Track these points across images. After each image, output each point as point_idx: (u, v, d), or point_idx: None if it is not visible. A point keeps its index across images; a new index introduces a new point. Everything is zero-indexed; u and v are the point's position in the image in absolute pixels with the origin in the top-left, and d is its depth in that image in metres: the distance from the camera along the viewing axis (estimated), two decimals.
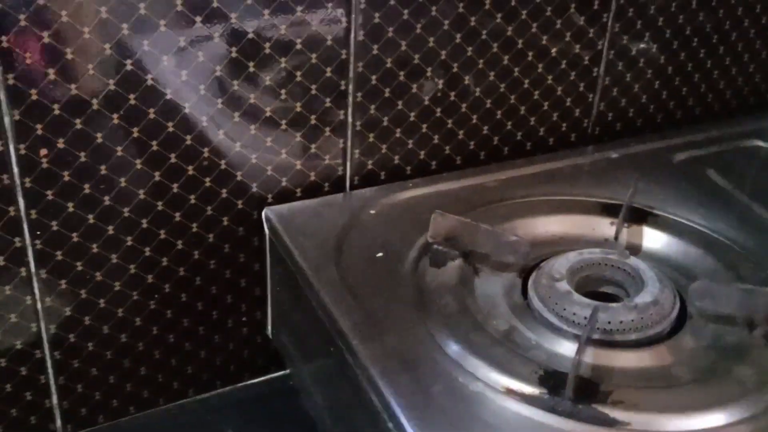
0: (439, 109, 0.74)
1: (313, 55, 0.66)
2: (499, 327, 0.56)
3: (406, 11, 0.67)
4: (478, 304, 0.58)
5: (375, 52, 0.68)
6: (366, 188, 0.73)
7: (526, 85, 0.77)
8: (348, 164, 0.72)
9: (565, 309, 0.56)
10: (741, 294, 0.55)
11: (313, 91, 0.67)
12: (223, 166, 0.66)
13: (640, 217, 0.68)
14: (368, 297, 0.58)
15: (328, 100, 0.68)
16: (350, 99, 0.69)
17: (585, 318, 0.55)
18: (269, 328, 0.74)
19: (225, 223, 0.68)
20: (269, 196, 0.69)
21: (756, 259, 0.62)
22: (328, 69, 0.67)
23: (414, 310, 0.57)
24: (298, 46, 0.65)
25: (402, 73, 0.70)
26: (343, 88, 0.68)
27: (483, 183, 0.74)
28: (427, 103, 0.73)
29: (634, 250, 0.65)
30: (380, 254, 0.63)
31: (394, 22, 0.67)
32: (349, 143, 0.71)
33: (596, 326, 0.54)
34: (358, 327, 0.55)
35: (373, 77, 0.69)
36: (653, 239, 0.66)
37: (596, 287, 0.61)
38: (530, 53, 0.75)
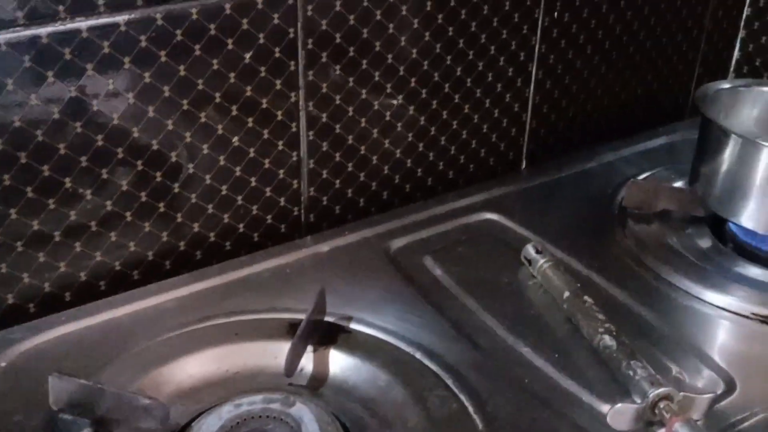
0: (95, 222, 0.61)
1: None
2: None
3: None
4: None
5: None
6: (8, 328, 0.59)
7: (208, 181, 0.66)
8: None
9: None
10: None
11: None
12: None
13: (330, 334, 0.58)
14: None
15: None
16: None
17: None
18: None
19: None
20: None
21: (451, 382, 0.54)
22: None
23: None
24: None
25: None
26: None
27: (160, 304, 0.62)
28: (74, 217, 0.60)
29: (318, 382, 0.55)
30: None
31: None
32: None
33: None
34: None
35: None
36: (341, 365, 0.56)
37: None
38: (205, 145, 0.65)
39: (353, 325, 0.59)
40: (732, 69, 0.98)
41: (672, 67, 0.93)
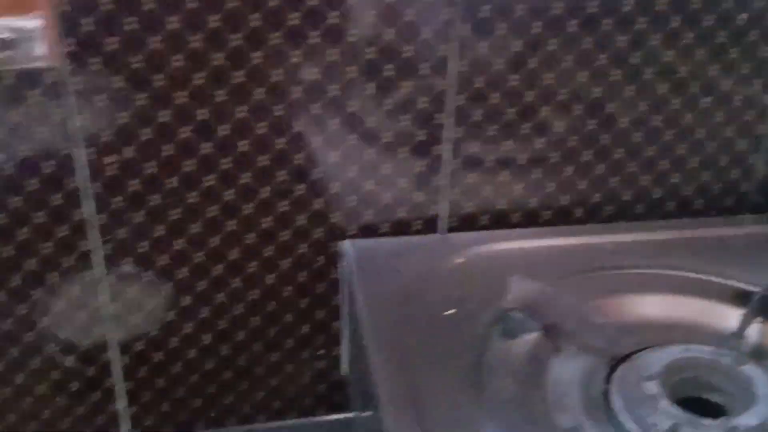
0: (557, 154, 0.65)
1: (409, 83, 0.60)
2: (563, 423, 0.47)
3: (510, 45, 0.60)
4: (547, 390, 0.50)
5: (479, 85, 0.61)
6: (463, 232, 0.66)
7: (668, 137, 0.66)
8: (443, 204, 0.65)
9: (647, 416, 0.46)
10: None
11: (405, 122, 0.62)
12: (301, 191, 0.63)
13: None
14: (421, 363, 0.51)
15: (423, 132, 0.62)
16: (448, 133, 0.62)
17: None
18: (343, 366, 0.69)
19: (302, 251, 0.65)
20: (351, 227, 0.64)
21: None
22: (424, 99, 0.61)
23: (468, 387, 0.49)
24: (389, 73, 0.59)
25: (512, 110, 0.62)
26: (439, 121, 0.62)
27: (600, 244, 0.64)
28: (542, 145, 0.64)
29: (763, 353, 0.53)
30: (451, 311, 0.56)
31: (501, 53, 0.60)
32: (445, 181, 0.64)
33: None
34: (396, 396, 0.49)
35: (477, 112, 0.62)
36: None
37: (699, 393, 0.50)
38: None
39: None
40: None
41: None
